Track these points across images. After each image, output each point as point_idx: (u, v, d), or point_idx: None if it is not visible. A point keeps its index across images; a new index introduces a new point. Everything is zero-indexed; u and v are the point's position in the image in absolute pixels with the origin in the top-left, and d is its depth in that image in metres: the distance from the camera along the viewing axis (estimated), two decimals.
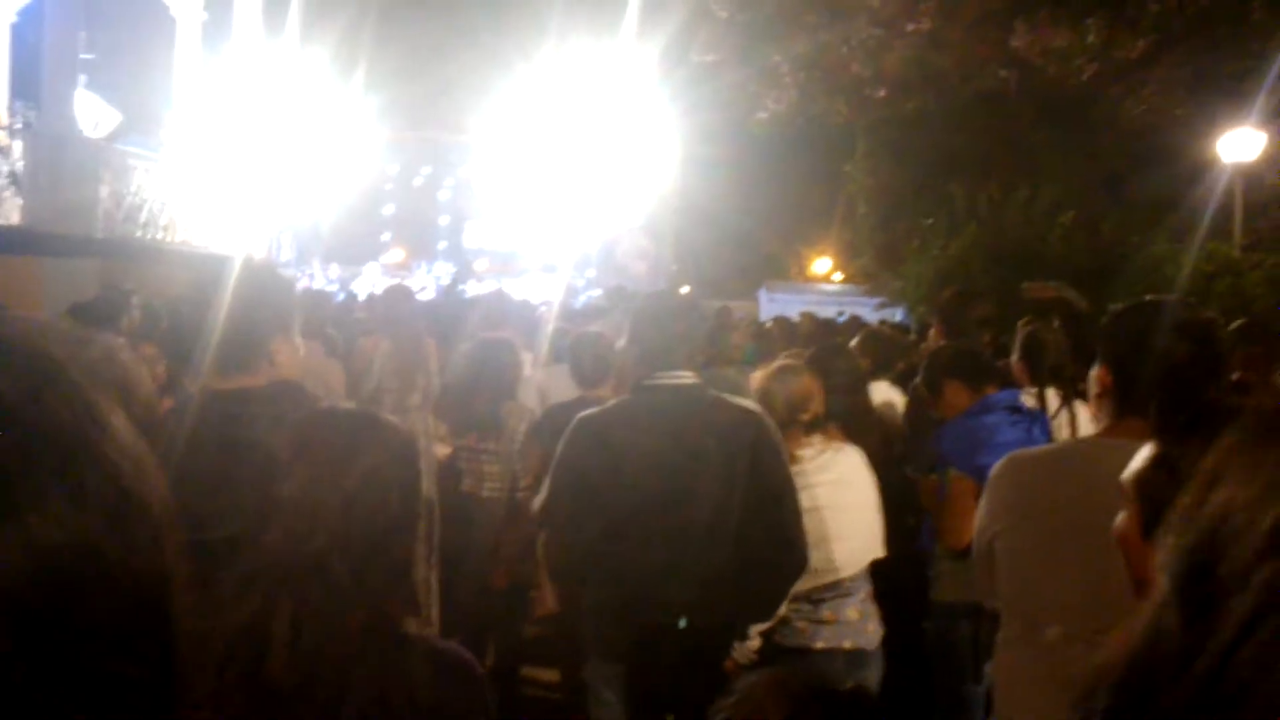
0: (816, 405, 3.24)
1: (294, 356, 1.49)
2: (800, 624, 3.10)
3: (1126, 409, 1.96)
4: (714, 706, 1.22)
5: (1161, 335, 1.92)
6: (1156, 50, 17.73)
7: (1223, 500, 0.45)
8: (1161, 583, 0.48)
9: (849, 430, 3.46)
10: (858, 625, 3.13)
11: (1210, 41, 17.13)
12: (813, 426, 3.23)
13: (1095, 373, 2.04)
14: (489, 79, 26.00)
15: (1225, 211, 14.38)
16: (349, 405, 1.37)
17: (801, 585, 2.97)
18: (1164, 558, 0.48)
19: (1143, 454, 1.18)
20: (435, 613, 5.10)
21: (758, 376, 3.42)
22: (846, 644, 3.11)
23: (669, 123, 22.38)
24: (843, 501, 3.15)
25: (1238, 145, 14.84)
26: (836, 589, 3.12)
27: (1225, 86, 16.04)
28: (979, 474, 2.65)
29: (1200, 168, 15.20)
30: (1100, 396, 2.02)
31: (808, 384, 3.24)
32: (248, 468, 1.24)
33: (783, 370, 3.30)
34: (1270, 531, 0.42)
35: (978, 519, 2.17)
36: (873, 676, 3.12)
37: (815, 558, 2.98)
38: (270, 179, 13.43)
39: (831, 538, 3.10)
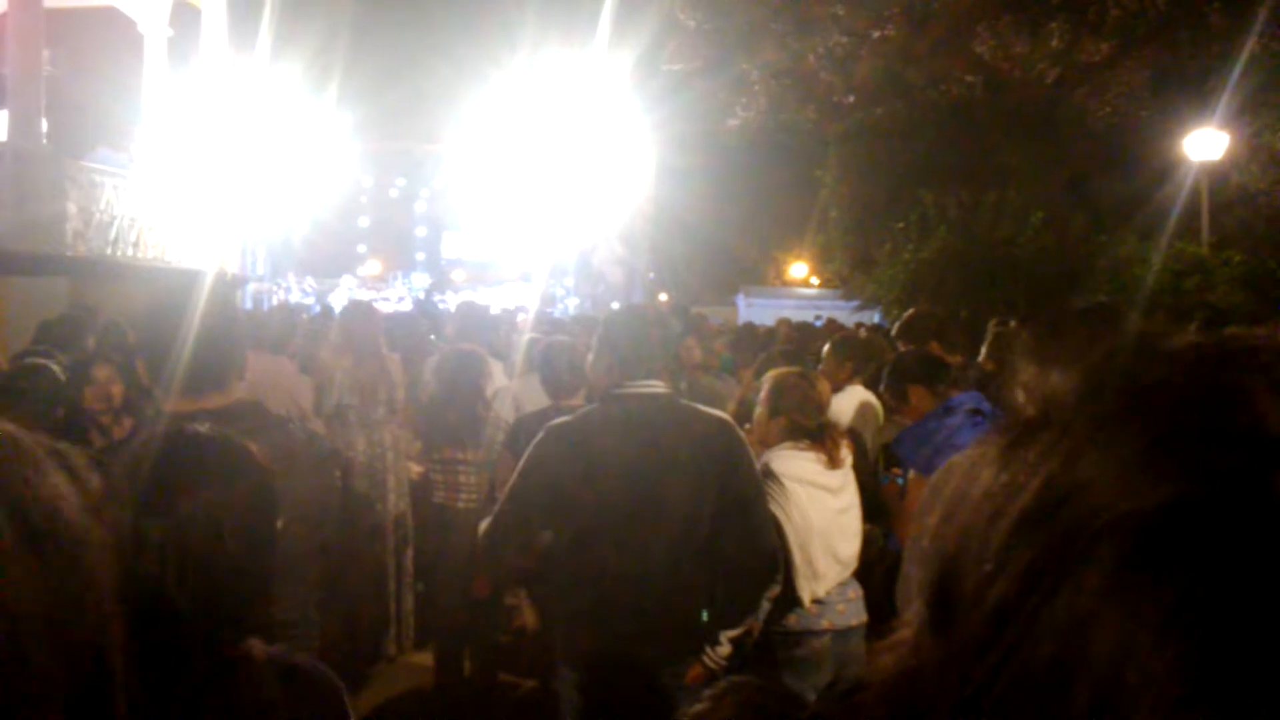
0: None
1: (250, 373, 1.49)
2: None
3: None
4: (681, 712, 1.15)
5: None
6: (1120, 54, 17.98)
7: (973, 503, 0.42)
8: (916, 603, 0.44)
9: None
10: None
11: (1172, 44, 17.40)
12: (820, 431, 3.26)
13: None
14: (463, 90, 26.00)
15: (1191, 211, 14.58)
16: (205, 429, 1.36)
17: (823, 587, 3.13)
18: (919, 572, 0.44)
19: None
20: (410, 624, 5.11)
21: (767, 378, 3.45)
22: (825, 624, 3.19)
23: (643, 132, 22.45)
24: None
25: (1202, 145, 15.04)
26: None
27: (1188, 88, 16.28)
28: None
29: (1166, 168, 15.41)
30: None
31: (824, 389, 3.29)
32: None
33: (800, 375, 3.34)
34: (1011, 530, 0.39)
35: (919, 519, 2.20)
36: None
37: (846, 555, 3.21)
38: (241, 193, 13.35)
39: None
